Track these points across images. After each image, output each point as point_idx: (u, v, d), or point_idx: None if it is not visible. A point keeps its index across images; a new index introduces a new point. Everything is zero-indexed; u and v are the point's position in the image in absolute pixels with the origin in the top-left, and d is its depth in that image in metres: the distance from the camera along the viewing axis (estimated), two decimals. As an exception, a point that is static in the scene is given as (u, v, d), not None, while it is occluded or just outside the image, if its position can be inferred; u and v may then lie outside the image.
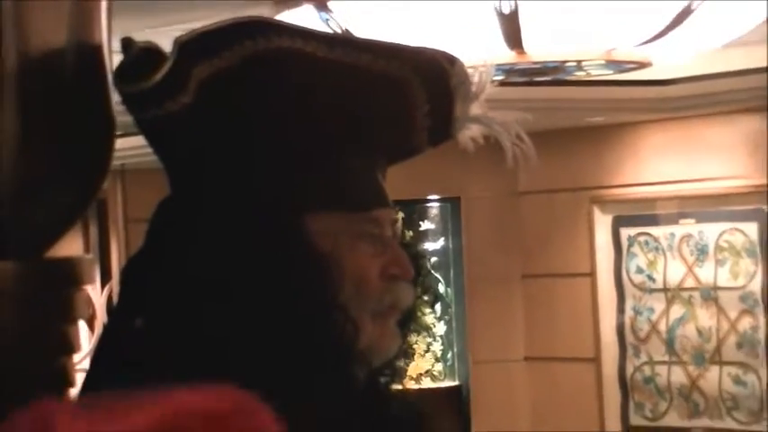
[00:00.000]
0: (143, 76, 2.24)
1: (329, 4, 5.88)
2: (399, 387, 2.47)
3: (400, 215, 8.95)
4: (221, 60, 2.25)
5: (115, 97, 2.37)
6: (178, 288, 2.27)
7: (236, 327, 2.19)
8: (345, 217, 2.27)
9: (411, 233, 10.42)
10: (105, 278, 9.91)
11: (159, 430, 1.40)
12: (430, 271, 10.60)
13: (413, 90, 2.33)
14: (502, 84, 6.25)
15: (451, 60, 2.36)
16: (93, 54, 2.33)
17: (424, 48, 2.41)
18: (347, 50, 2.34)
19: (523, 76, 6.50)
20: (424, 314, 10.42)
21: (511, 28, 5.77)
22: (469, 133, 2.42)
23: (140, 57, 2.26)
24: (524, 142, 2.39)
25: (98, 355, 2.35)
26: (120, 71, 2.27)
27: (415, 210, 10.11)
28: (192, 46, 2.26)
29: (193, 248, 2.26)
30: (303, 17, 5.76)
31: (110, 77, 2.35)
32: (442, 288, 10.52)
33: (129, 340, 2.28)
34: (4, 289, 2.23)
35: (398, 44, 2.42)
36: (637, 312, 9.82)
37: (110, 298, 9.59)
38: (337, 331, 2.20)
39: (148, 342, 2.24)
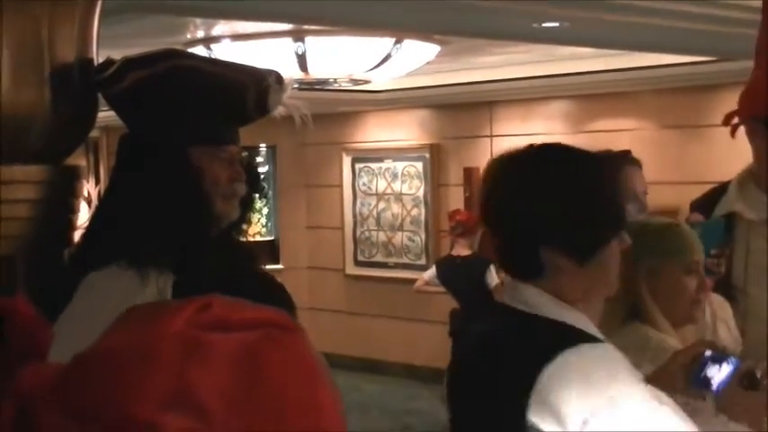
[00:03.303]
0: (102, 73, 2.24)
1: (212, 46, 5.87)
2: (242, 240, 2.43)
3: (245, 153, 8.93)
4: (153, 69, 2.21)
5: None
6: (127, 181, 2.23)
7: (152, 202, 2.14)
8: (209, 148, 2.21)
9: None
10: (98, 180, 9.74)
11: (266, 321, 1.10)
12: (262, 181, 10.09)
13: (248, 88, 2.26)
14: (299, 89, 6.46)
15: (270, 73, 2.30)
16: (88, 64, 2.29)
17: (259, 68, 2.36)
18: (219, 67, 2.33)
19: (308, 86, 6.46)
20: (257, 201, 10.37)
21: (301, 61, 5.84)
22: (278, 111, 2.35)
23: (105, 64, 2.26)
24: (307, 117, 2.32)
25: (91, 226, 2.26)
26: (94, 70, 2.27)
27: (255, 151, 9.82)
28: (134, 60, 2.23)
29: (131, 161, 2.24)
30: (197, 51, 5.62)
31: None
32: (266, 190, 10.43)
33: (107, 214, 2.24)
34: (46, 179, 2.20)
35: (245, 65, 2.39)
36: (362, 205, 9.81)
37: (99, 191, 9.40)
38: (200, 203, 2.16)
39: (115, 213, 2.18)
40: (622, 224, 1.83)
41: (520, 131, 8.30)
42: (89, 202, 8.37)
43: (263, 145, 10.07)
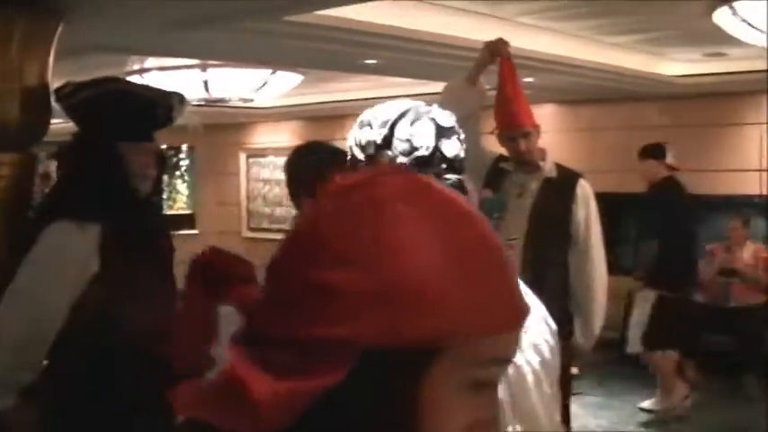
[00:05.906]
0: (60, 92, 2.22)
1: (144, 75, 5.49)
2: (157, 206, 2.30)
3: (170, 150, 8.06)
4: (99, 89, 2.14)
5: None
6: (75, 164, 2.14)
7: (89, 177, 2.03)
8: (130, 144, 2.07)
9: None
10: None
11: None
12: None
13: (158, 104, 2.17)
14: (205, 105, 6.35)
15: (175, 94, 2.23)
16: (45, 87, 2.34)
17: (169, 90, 2.25)
18: (140, 89, 2.24)
19: (211, 103, 6.23)
20: (177, 183, 9.66)
21: (206, 85, 5.69)
22: (180, 121, 2.30)
23: (64, 85, 2.23)
24: (198, 126, 2.33)
25: None
26: (56, 90, 2.25)
27: (178, 150, 9.34)
28: (84, 84, 2.19)
29: (79, 152, 2.13)
30: (133, 79, 5.18)
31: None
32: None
33: None
34: (15, 161, 2.21)
35: (159, 88, 2.21)
36: (253, 187, 9.51)
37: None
38: (119, 177, 2.00)
39: None
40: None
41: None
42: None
43: (185, 145, 9.89)
